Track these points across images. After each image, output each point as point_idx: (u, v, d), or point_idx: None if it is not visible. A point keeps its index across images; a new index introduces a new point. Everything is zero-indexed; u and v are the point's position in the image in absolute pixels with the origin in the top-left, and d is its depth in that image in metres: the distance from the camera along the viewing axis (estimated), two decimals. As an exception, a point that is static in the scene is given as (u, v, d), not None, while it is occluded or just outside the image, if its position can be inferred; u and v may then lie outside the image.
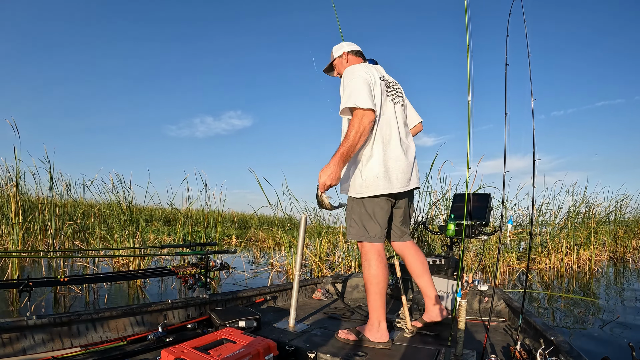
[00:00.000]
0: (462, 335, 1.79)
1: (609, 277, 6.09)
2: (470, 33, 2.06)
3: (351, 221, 2.08)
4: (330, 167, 1.86)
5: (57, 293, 3.76)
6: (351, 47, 2.29)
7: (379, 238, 2.04)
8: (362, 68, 2.02)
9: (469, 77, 2.04)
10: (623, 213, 8.72)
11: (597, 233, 7.20)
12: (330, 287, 3.34)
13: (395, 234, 2.27)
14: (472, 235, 2.70)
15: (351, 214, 2.09)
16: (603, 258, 7.64)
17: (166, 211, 8.66)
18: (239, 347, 1.65)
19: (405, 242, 2.28)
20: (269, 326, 2.30)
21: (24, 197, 5.07)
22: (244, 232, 10.60)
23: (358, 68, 2.02)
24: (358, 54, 2.28)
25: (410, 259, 2.26)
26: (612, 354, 2.59)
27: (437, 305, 2.21)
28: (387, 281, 2.05)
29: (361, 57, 2.29)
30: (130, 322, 2.11)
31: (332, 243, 6.04)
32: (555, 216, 7.45)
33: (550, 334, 1.88)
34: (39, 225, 5.01)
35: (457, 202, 2.96)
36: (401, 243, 2.28)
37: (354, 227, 2.07)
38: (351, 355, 1.83)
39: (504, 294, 2.78)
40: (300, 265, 2.32)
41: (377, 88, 2.01)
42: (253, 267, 6.13)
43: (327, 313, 2.72)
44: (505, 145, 1.95)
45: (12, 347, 1.66)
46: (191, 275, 2.48)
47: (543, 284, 5.42)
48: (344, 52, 2.27)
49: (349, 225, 2.10)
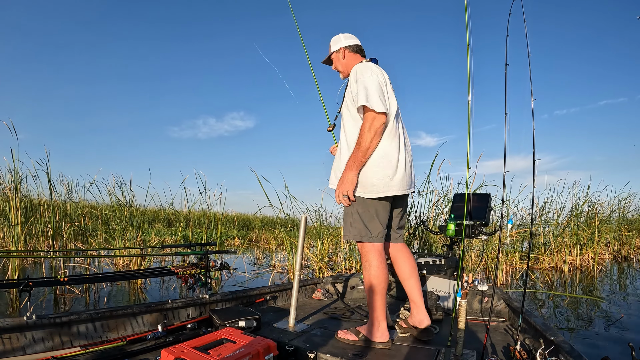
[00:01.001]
0: (462, 335, 1.79)
1: (613, 277, 6.06)
2: (470, 33, 2.06)
3: (352, 221, 2.01)
4: (347, 176, 1.90)
5: (58, 294, 3.78)
6: (349, 42, 2.18)
7: (380, 238, 2.02)
8: (372, 67, 1.99)
9: (469, 77, 2.04)
10: (627, 212, 8.69)
11: (600, 232, 7.16)
12: (330, 287, 3.34)
13: (389, 235, 2.23)
14: (472, 235, 2.69)
15: (352, 213, 2.02)
16: (606, 257, 7.60)
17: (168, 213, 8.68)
18: (238, 347, 1.65)
19: (397, 244, 2.23)
20: (269, 326, 2.30)
21: (26, 199, 5.09)
22: (246, 233, 10.62)
23: (369, 67, 1.98)
24: (357, 49, 2.19)
25: (400, 262, 2.20)
26: (615, 354, 2.59)
27: (422, 311, 2.11)
28: (388, 281, 2.04)
29: (360, 53, 2.20)
30: (130, 322, 2.11)
31: (333, 244, 6.04)
32: (558, 215, 7.43)
33: (550, 334, 1.87)
34: (41, 227, 5.03)
35: (457, 202, 2.95)
36: (394, 245, 2.23)
37: (355, 227, 2.00)
38: (351, 355, 1.83)
39: (504, 294, 2.77)
40: (300, 266, 2.32)
41: (388, 89, 2.00)
42: (255, 268, 6.13)
43: (327, 313, 2.71)
44: (505, 145, 1.95)
45: (12, 347, 1.67)
46: (191, 275, 2.49)
47: (546, 283, 5.40)
48: (341, 48, 2.18)
49: (350, 225, 2.03)
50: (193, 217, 6.55)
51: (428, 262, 2.84)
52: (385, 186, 1.95)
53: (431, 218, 5.48)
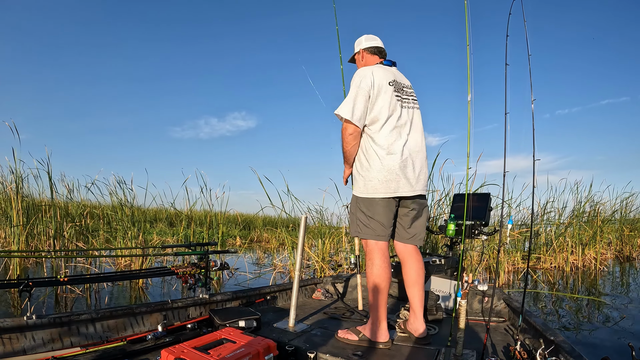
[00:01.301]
0: (462, 335, 1.78)
1: (615, 276, 6.04)
2: (470, 33, 2.06)
3: (355, 219, 2.10)
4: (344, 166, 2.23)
5: (59, 295, 3.78)
6: (369, 44, 2.25)
7: (383, 237, 2.03)
8: (367, 73, 2.01)
9: (469, 77, 2.05)
10: (629, 211, 8.65)
11: (602, 232, 7.14)
12: (330, 287, 3.34)
13: (399, 234, 2.19)
14: (472, 235, 2.69)
15: (356, 211, 2.10)
16: (609, 257, 7.58)
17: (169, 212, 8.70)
18: (238, 347, 1.66)
19: (409, 246, 2.17)
20: (269, 326, 2.30)
21: (28, 199, 5.10)
22: (248, 233, 10.63)
23: (363, 73, 2.01)
24: (375, 51, 2.24)
25: (408, 266, 2.16)
26: (616, 354, 2.58)
27: (419, 320, 2.10)
28: (390, 281, 2.04)
29: (378, 54, 2.24)
30: (130, 322, 2.12)
31: (335, 243, 6.04)
32: (560, 215, 7.41)
33: (550, 334, 1.87)
34: (42, 227, 5.05)
35: (457, 202, 2.95)
36: (404, 245, 2.19)
37: (358, 224, 2.08)
38: (351, 355, 1.83)
39: (504, 294, 2.77)
40: (300, 265, 2.32)
41: (382, 94, 1.99)
42: (256, 268, 6.13)
43: (327, 313, 2.72)
44: (505, 145, 1.95)
45: (12, 347, 1.68)
46: (191, 275, 2.49)
47: (548, 283, 5.38)
48: (360, 50, 2.27)
49: (353, 222, 2.12)
50: (195, 217, 6.56)
51: (428, 262, 2.83)
52: (384, 187, 1.98)
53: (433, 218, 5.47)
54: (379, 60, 2.22)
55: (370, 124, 2.00)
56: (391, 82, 2.03)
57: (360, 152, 2.07)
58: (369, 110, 1.99)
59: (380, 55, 2.24)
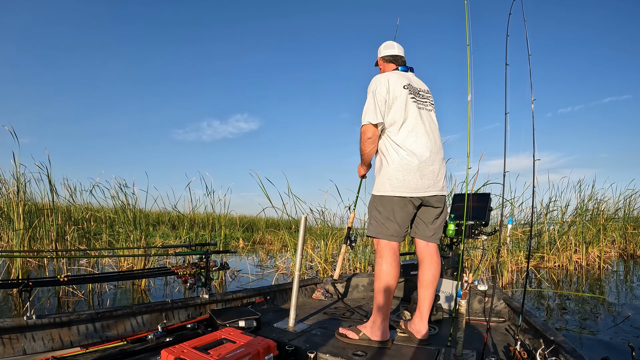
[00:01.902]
0: (462, 335, 1.78)
1: (619, 275, 6.00)
2: (470, 33, 2.06)
3: (371, 218, 2.12)
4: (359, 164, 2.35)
5: (61, 297, 3.78)
6: (386, 52, 2.31)
7: (396, 237, 2.04)
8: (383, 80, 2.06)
9: (469, 77, 2.05)
10: (632, 209, 8.60)
11: (606, 230, 7.09)
12: (330, 287, 3.34)
13: (422, 232, 2.18)
14: (472, 235, 2.68)
15: (372, 210, 2.12)
16: (612, 255, 7.53)
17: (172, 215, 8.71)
18: (238, 347, 1.66)
19: (430, 245, 2.17)
20: (269, 326, 2.31)
21: (30, 203, 5.12)
22: (250, 235, 10.63)
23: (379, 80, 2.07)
24: (390, 59, 2.29)
25: (425, 267, 2.15)
26: (619, 354, 2.56)
27: (423, 323, 2.10)
28: (397, 281, 2.03)
29: (394, 62, 2.28)
30: (130, 322, 2.13)
31: (337, 245, 6.03)
32: (563, 213, 7.37)
33: (550, 334, 1.86)
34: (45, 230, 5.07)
35: (457, 202, 2.94)
36: (426, 244, 2.17)
37: (373, 224, 2.10)
38: (351, 356, 1.83)
39: (504, 294, 2.76)
40: (300, 265, 2.33)
41: (398, 97, 2.03)
42: (259, 270, 6.14)
43: (327, 313, 2.71)
44: (505, 145, 1.95)
45: (12, 347, 1.69)
46: (191, 275, 2.50)
47: (552, 282, 5.35)
48: (379, 58, 2.34)
49: (369, 222, 2.14)
50: (197, 219, 6.56)
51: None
52: (402, 185, 2.00)
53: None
54: (395, 67, 2.27)
55: (388, 126, 2.04)
56: (406, 85, 2.07)
57: (380, 152, 2.11)
58: (386, 113, 2.03)
59: (397, 62, 2.29)
